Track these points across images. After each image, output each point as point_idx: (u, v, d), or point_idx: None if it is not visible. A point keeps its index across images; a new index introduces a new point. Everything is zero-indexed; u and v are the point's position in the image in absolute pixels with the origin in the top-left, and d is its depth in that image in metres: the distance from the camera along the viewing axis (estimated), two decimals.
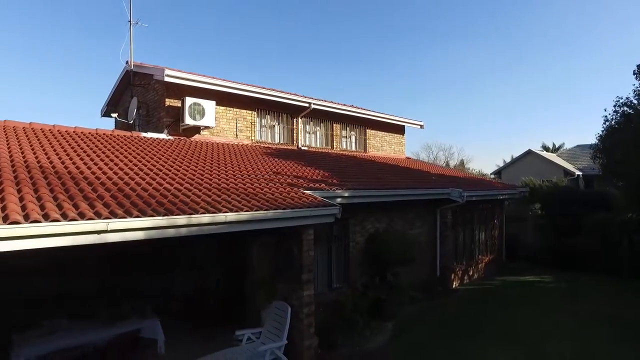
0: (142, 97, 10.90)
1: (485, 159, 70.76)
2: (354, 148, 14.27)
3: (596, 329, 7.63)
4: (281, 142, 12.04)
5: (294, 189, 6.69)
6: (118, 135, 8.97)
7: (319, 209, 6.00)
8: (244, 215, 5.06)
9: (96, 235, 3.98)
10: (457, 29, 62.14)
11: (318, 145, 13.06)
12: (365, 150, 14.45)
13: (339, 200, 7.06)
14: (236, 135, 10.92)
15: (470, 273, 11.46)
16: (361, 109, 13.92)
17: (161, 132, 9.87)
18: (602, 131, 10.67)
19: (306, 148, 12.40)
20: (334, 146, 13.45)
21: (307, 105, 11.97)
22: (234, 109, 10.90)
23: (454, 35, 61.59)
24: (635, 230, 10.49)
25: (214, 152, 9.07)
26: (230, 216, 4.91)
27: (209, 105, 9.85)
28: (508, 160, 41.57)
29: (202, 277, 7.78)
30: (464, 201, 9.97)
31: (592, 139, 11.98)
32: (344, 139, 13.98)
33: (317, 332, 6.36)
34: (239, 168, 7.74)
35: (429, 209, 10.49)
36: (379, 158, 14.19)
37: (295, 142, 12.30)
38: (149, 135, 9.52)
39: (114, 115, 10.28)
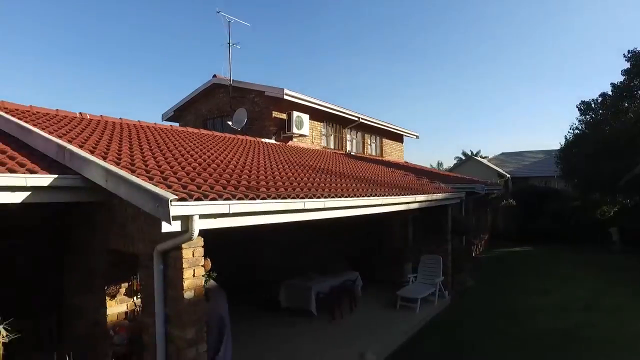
0: (235, 107, 13.52)
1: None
2: (374, 153, 18.33)
3: (582, 267, 13.10)
4: (334, 148, 15.56)
5: (429, 182, 10.60)
6: (247, 140, 11.72)
7: (457, 193, 10.06)
8: (439, 195, 8.89)
9: (413, 204, 7.48)
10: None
11: (355, 151, 16.83)
12: (382, 156, 18.62)
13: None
14: (312, 142, 14.21)
15: (479, 246, 16.40)
16: (381, 121, 18.00)
17: (268, 138, 12.74)
18: (562, 146, 16.63)
19: (354, 153, 16.13)
20: (365, 152, 17.37)
21: (356, 118, 15.70)
22: (311, 121, 14.17)
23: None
24: (580, 213, 16.54)
25: (323, 155, 12.33)
26: (436, 196, 8.70)
27: (306, 118, 13.07)
28: (434, 164, 49.68)
29: (349, 248, 11.16)
30: (484, 192, 14.74)
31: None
32: (368, 146, 17.96)
33: None
34: (367, 166, 11.29)
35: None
36: (395, 162, 18.47)
37: (343, 148, 15.93)
38: (265, 140, 12.38)
39: (229, 122, 12.80)
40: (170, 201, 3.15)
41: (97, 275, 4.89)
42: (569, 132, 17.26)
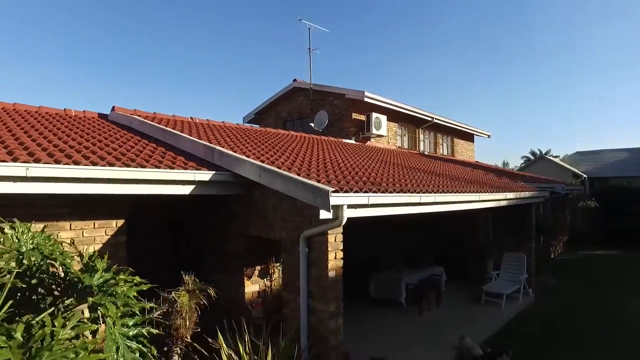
0: (315, 109, 14.25)
1: None
2: (445, 153, 18.38)
3: None
4: (408, 147, 15.85)
5: (511, 181, 10.69)
6: (332, 140, 12.37)
7: (541, 192, 10.10)
8: (527, 193, 9.01)
9: (503, 201, 7.73)
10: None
11: (428, 151, 17.01)
12: (453, 155, 18.63)
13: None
14: (388, 142, 14.63)
15: (557, 248, 16.00)
16: (453, 120, 17.98)
17: (347, 138, 13.32)
18: None
19: (427, 153, 16.35)
20: (437, 151, 17.50)
21: (430, 119, 15.89)
22: (387, 122, 14.59)
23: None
24: None
25: (403, 154, 12.71)
26: (524, 194, 8.83)
27: (383, 119, 13.52)
28: (500, 164, 48.11)
29: (433, 244, 11.52)
30: (564, 193, 14.40)
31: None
32: (440, 145, 18.05)
33: None
34: (447, 165, 11.55)
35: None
36: (468, 161, 18.39)
37: (417, 147, 16.18)
38: (346, 140, 12.97)
39: (312, 124, 13.62)
40: (330, 192, 3.79)
41: (234, 257, 5.70)
42: None
